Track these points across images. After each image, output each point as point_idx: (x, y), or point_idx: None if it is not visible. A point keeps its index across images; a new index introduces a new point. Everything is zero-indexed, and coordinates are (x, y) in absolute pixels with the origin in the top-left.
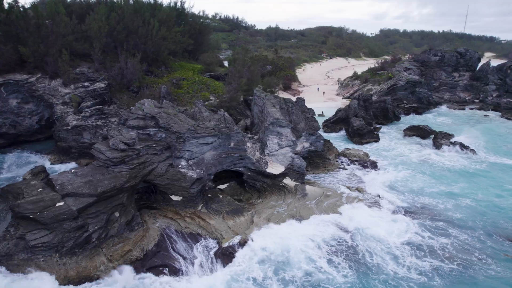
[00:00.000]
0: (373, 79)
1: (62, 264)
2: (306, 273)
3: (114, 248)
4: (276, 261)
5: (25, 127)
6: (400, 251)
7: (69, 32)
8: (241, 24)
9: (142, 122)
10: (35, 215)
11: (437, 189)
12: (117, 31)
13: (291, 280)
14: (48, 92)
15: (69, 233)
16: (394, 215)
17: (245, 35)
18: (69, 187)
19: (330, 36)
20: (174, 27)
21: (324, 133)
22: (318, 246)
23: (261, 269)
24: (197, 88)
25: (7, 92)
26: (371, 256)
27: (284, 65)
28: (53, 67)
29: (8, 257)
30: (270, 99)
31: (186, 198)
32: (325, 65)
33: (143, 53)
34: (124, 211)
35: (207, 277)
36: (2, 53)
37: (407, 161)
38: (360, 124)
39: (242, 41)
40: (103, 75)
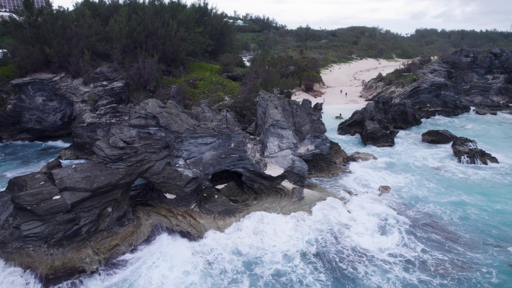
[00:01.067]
0: (397, 81)
1: (49, 254)
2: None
3: (102, 242)
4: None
5: (50, 123)
6: (385, 263)
7: (93, 33)
8: (272, 25)
9: (144, 121)
10: (32, 207)
11: (446, 198)
12: (137, 32)
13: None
14: (69, 90)
15: (60, 225)
16: (388, 225)
17: (275, 35)
18: (68, 181)
19: (362, 36)
20: (195, 28)
21: (338, 136)
22: (293, 258)
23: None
24: (213, 88)
25: (34, 90)
26: (351, 267)
27: (307, 66)
28: (75, 67)
29: (2, 245)
30: (273, 101)
31: (180, 197)
32: (354, 66)
33: (162, 54)
34: (117, 206)
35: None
36: (31, 53)
37: (419, 167)
38: (374, 128)
39: (271, 42)
40: (121, 75)
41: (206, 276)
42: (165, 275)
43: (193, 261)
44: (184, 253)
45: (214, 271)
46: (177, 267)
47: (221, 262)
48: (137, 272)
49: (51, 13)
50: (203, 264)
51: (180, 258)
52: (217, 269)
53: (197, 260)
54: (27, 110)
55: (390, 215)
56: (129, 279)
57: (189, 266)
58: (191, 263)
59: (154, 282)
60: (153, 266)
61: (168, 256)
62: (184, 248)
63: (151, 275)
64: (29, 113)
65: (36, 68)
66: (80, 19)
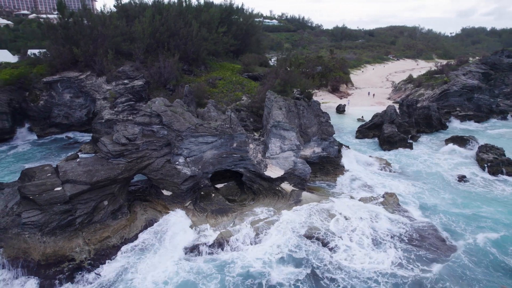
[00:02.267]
0: (427, 83)
1: (42, 242)
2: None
3: (94, 233)
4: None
5: (76, 118)
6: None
7: (118, 34)
8: (307, 24)
9: (148, 119)
10: (34, 197)
11: (458, 210)
12: (160, 32)
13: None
14: (93, 88)
15: (55, 215)
16: (383, 238)
17: (310, 35)
18: (70, 174)
19: (401, 36)
20: (219, 28)
21: (355, 139)
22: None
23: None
24: (231, 88)
25: (62, 87)
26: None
27: (335, 66)
28: (100, 66)
29: (4, 230)
30: (278, 101)
31: (176, 194)
32: (389, 67)
33: (184, 53)
34: (113, 200)
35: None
36: (61, 53)
37: (434, 174)
38: (392, 131)
39: (306, 41)
40: (142, 74)
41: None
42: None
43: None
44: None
45: (189, 273)
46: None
47: (198, 261)
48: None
49: (80, 15)
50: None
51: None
52: (194, 268)
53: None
54: (56, 106)
55: (387, 226)
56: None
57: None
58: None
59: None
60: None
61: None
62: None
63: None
64: (58, 108)
65: (65, 67)
66: (106, 20)
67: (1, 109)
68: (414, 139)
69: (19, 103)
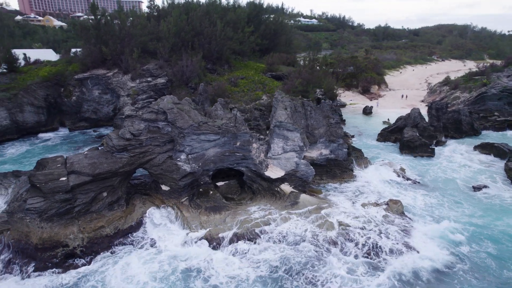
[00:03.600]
0: (464, 85)
1: (40, 227)
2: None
3: (89, 222)
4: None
5: (104, 113)
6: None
7: (146, 33)
8: (347, 23)
9: (154, 116)
10: (41, 185)
11: (472, 226)
12: (185, 32)
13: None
14: (119, 85)
15: (56, 203)
16: (374, 256)
17: (350, 34)
18: (76, 166)
19: (450, 35)
20: (245, 27)
21: (376, 142)
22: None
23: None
24: (253, 87)
25: (92, 84)
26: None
27: (367, 66)
28: (126, 64)
29: (11, 214)
30: (284, 101)
31: (173, 189)
32: (431, 68)
33: (208, 52)
34: (112, 192)
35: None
36: (91, 52)
37: (454, 183)
38: (412, 136)
39: (345, 41)
40: (165, 72)
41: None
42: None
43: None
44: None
45: (159, 273)
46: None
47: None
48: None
49: (110, 16)
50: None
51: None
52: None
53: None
54: (86, 102)
55: (387, 236)
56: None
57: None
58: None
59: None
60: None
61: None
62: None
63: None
64: (87, 104)
65: (95, 65)
66: (134, 20)
67: (38, 103)
68: (440, 144)
69: (54, 98)
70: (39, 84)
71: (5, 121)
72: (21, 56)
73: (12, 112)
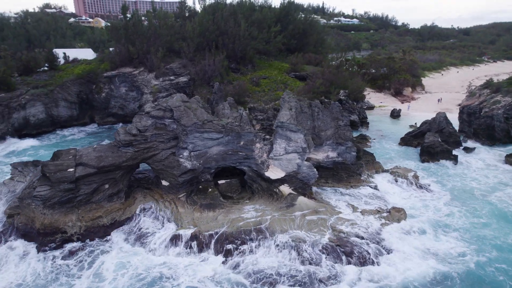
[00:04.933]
0: (506, 88)
1: (43, 213)
2: None
3: (88, 212)
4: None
5: (130, 109)
6: None
7: (172, 33)
8: (391, 23)
9: (162, 113)
10: (50, 175)
11: (479, 241)
12: (209, 31)
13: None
14: (143, 83)
15: (60, 192)
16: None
17: (392, 34)
18: (84, 158)
19: (507, 34)
20: (272, 27)
21: (397, 147)
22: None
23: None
24: (274, 87)
25: (119, 81)
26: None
27: (401, 68)
28: (151, 63)
29: (21, 200)
30: (290, 101)
31: (172, 185)
32: (479, 70)
33: (232, 52)
34: (114, 185)
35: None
36: (120, 51)
37: (469, 193)
38: (433, 141)
39: (386, 41)
40: (188, 71)
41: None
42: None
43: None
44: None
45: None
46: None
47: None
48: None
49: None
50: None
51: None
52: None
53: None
54: (113, 98)
55: (380, 250)
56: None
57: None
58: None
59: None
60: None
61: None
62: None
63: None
64: (115, 100)
65: (123, 64)
66: (161, 20)
67: (71, 99)
68: (468, 151)
69: (86, 95)
70: (73, 81)
71: (42, 114)
72: (61, 55)
73: (48, 107)
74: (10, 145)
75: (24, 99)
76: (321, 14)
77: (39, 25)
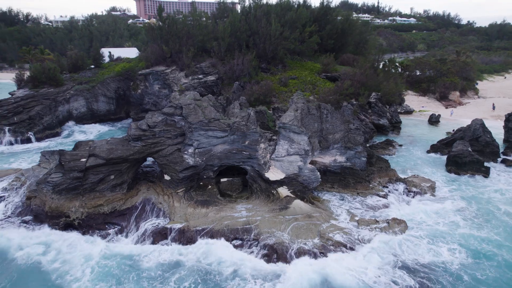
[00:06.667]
0: None
1: (51, 198)
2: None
3: (91, 200)
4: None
5: (162, 106)
6: None
7: (204, 33)
8: (453, 22)
9: (173, 110)
10: (65, 163)
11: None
12: (240, 31)
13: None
14: (174, 81)
15: (68, 179)
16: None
17: (453, 34)
18: (97, 150)
19: None
20: (306, 27)
21: (424, 154)
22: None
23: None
24: (302, 87)
25: (153, 79)
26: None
27: (450, 70)
28: (182, 62)
29: (38, 184)
30: (297, 103)
31: (173, 179)
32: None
33: (262, 52)
34: (119, 176)
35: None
36: (155, 50)
37: (492, 214)
38: (462, 150)
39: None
40: (216, 70)
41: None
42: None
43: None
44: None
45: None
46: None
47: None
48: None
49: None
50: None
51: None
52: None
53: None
54: (147, 95)
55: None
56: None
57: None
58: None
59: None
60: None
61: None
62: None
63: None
64: (149, 97)
65: (157, 62)
66: (195, 20)
67: (110, 94)
68: (507, 164)
69: (123, 91)
70: (112, 78)
71: (83, 108)
72: (107, 54)
73: (89, 101)
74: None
75: (68, 94)
76: (375, 13)
77: (101, 27)
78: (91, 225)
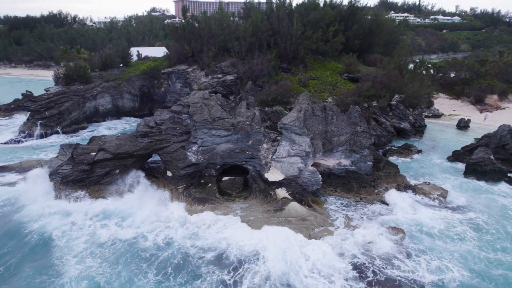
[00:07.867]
0: None
1: (59, 188)
2: None
3: (94, 191)
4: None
5: None
6: None
7: (226, 33)
8: (503, 19)
9: (180, 108)
10: (76, 156)
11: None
12: (261, 31)
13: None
14: (194, 80)
15: (76, 171)
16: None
17: (502, 33)
18: (106, 145)
19: None
20: (330, 27)
21: (444, 161)
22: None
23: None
24: (322, 88)
25: (175, 78)
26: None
27: (488, 72)
28: (203, 61)
29: (50, 175)
30: (302, 103)
31: (174, 176)
32: None
33: (283, 52)
34: (123, 171)
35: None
36: (177, 49)
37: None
38: (482, 158)
39: (493, 41)
40: (236, 69)
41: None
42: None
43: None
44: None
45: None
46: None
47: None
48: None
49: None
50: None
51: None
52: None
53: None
54: (170, 93)
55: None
56: None
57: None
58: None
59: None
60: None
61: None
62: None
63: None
64: (171, 95)
65: (180, 61)
66: (217, 20)
67: (135, 92)
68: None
69: (148, 89)
70: (138, 76)
71: (109, 104)
72: (135, 53)
73: (115, 98)
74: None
75: (96, 91)
76: (416, 12)
77: (138, 27)
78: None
